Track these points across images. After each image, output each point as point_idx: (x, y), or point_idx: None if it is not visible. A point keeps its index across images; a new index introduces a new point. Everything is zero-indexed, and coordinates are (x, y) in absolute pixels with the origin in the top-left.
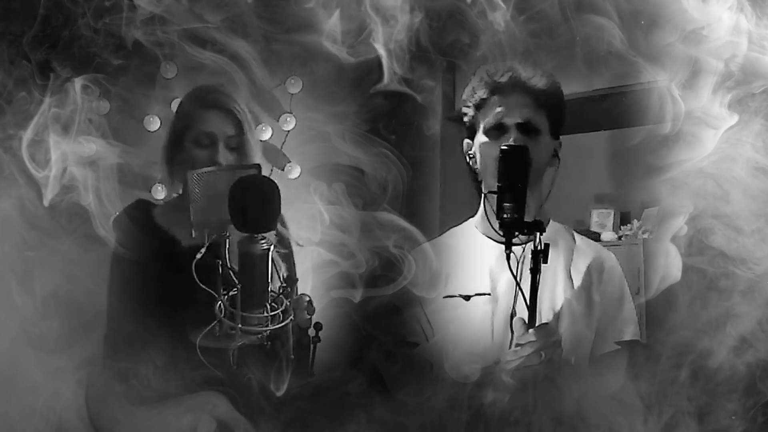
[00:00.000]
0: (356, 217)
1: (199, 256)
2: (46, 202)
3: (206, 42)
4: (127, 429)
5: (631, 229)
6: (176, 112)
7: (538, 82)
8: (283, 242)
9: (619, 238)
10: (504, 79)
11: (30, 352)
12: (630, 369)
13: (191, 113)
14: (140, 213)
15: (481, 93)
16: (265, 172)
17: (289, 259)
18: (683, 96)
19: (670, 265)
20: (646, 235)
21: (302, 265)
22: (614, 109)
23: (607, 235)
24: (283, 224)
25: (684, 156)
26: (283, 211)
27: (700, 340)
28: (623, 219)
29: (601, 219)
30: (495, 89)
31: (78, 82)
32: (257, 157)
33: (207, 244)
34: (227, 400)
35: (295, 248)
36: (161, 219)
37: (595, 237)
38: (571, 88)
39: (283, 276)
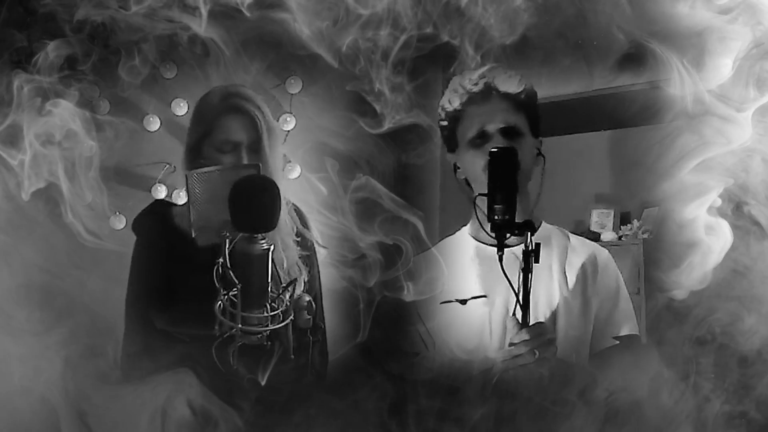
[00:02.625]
0: (347, 198)
1: (221, 260)
2: (25, 196)
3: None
4: (102, 407)
5: (631, 229)
6: (193, 118)
7: (512, 85)
8: (305, 244)
9: (619, 238)
10: (478, 88)
11: (8, 335)
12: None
13: (210, 120)
14: (160, 214)
15: (456, 104)
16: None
17: (311, 260)
18: (702, 77)
19: (720, 230)
20: (646, 235)
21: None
22: (619, 108)
23: (607, 235)
24: (305, 225)
25: (713, 140)
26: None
27: (733, 314)
28: (623, 219)
29: (601, 219)
30: (471, 99)
31: (51, 47)
32: (276, 157)
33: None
34: (200, 380)
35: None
36: (180, 220)
37: (595, 237)
38: (574, 87)
39: (305, 279)
